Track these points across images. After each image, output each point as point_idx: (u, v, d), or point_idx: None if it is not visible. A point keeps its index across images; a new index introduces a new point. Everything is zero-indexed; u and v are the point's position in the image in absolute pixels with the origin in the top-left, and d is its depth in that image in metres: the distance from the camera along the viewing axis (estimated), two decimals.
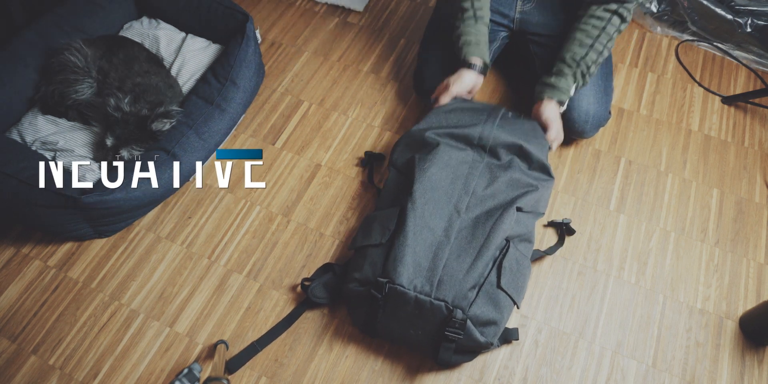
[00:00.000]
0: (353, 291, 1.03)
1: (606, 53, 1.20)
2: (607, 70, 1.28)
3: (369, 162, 1.33)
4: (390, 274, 0.98)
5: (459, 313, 0.94)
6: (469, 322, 0.95)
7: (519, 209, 1.07)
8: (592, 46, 1.18)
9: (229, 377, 1.06)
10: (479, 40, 1.23)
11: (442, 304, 0.95)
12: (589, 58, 1.18)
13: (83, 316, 1.13)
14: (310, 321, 1.13)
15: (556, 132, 1.22)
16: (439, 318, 0.96)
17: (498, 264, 1.01)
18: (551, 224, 1.24)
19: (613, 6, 1.16)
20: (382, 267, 1.00)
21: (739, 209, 1.29)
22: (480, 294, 0.98)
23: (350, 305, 1.08)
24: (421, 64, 1.36)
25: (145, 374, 1.07)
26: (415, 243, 1.00)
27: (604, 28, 1.17)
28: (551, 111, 1.21)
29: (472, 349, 1.01)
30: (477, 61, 1.22)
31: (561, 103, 1.22)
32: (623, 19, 1.17)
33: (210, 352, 1.10)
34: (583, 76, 1.20)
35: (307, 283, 1.12)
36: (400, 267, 0.98)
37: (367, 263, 1.03)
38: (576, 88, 1.22)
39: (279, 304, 1.15)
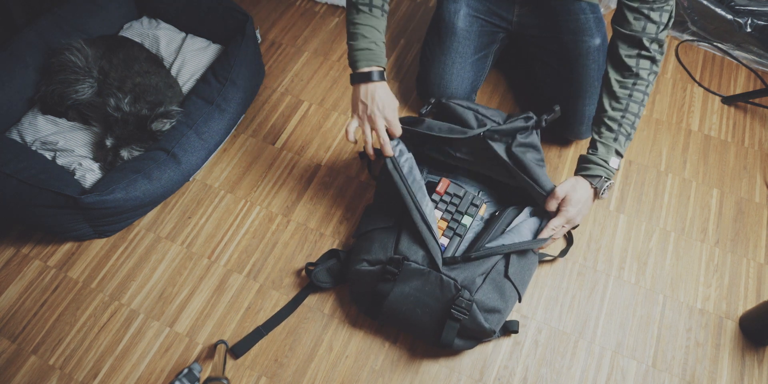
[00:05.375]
0: (361, 271, 1.04)
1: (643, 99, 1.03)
2: (604, 71, 1.28)
3: (367, 155, 1.33)
4: (404, 252, 1.01)
5: (466, 293, 0.97)
6: (474, 306, 0.97)
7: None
8: (630, 97, 1.01)
9: (229, 378, 1.06)
10: (374, 38, 1.02)
11: (452, 282, 0.97)
12: (630, 111, 1.01)
13: (83, 316, 1.13)
14: (310, 321, 1.13)
15: (563, 218, 1.01)
16: (447, 296, 0.98)
17: (506, 254, 1.03)
18: None
19: (636, 51, 1.01)
20: (393, 247, 1.03)
21: (739, 209, 1.29)
22: (487, 281, 1.00)
23: (355, 287, 1.09)
24: (423, 66, 1.36)
25: (145, 374, 1.07)
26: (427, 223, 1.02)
27: (637, 75, 1.01)
28: (574, 188, 1.00)
29: (474, 336, 1.02)
30: (373, 69, 1.01)
31: (594, 179, 1.00)
32: (653, 61, 1.01)
33: (210, 352, 1.10)
34: (624, 135, 1.01)
35: (311, 268, 1.13)
36: (414, 246, 1.01)
37: (376, 245, 1.05)
38: (620, 154, 1.02)
39: (279, 304, 1.15)
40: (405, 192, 1.01)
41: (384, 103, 1.01)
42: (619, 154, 1.02)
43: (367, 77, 1.01)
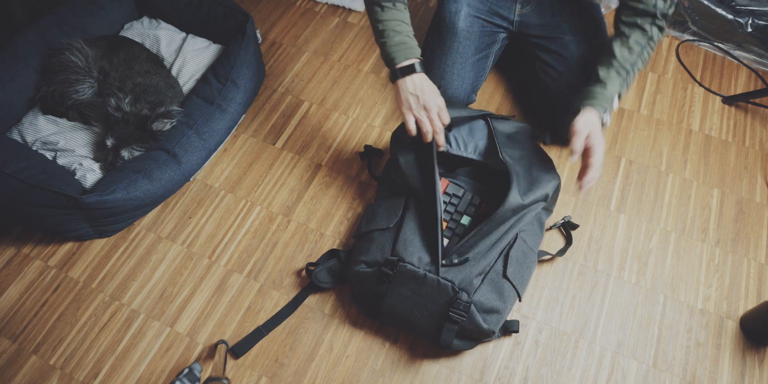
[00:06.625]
0: (360, 272, 1.05)
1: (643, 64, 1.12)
2: None
3: (368, 155, 1.34)
4: (400, 253, 1.01)
5: (464, 296, 0.97)
6: (473, 307, 0.97)
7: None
8: (640, 54, 1.09)
9: (230, 378, 1.06)
10: (405, 31, 1.04)
11: (449, 284, 0.97)
12: (637, 66, 1.10)
13: (84, 316, 1.13)
14: (311, 321, 1.13)
15: (597, 152, 1.02)
16: (444, 298, 0.98)
17: (505, 254, 1.03)
18: (552, 227, 1.24)
19: (650, 19, 1.09)
20: (391, 249, 1.03)
21: (739, 209, 1.28)
22: (485, 281, 1.00)
23: (355, 287, 1.09)
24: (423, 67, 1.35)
25: (146, 374, 1.07)
26: (424, 227, 1.03)
27: (650, 38, 1.09)
28: (589, 120, 1.04)
29: (473, 336, 1.02)
30: (413, 61, 1.03)
31: (601, 109, 1.07)
32: (661, 30, 1.10)
33: (210, 352, 1.10)
34: (628, 84, 1.10)
35: (311, 268, 1.13)
36: (411, 247, 1.01)
37: (374, 246, 1.05)
38: (619, 97, 1.11)
39: (279, 304, 1.15)
40: (434, 186, 1.02)
41: (434, 91, 1.03)
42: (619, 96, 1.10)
43: (410, 70, 1.02)
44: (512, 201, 1.01)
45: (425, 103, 1.01)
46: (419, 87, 1.01)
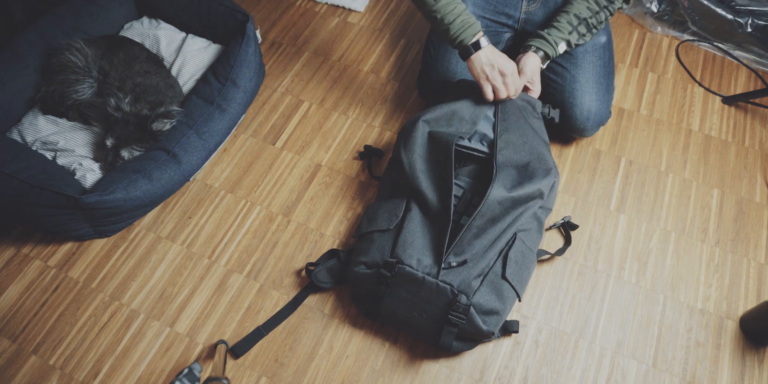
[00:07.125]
0: (359, 274, 1.04)
1: (596, 31, 1.23)
2: (609, 68, 1.28)
3: (367, 155, 1.34)
4: (399, 255, 1.01)
5: (463, 298, 0.96)
6: (472, 309, 0.97)
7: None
8: (597, 13, 1.19)
9: (230, 378, 1.06)
10: (462, 11, 1.12)
11: (448, 287, 0.97)
12: (591, 22, 1.19)
13: (83, 316, 1.13)
14: (311, 321, 1.13)
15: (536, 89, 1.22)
16: (443, 301, 0.98)
17: (504, 255, 1.03)
18: (552, 227, 1.24)
19: None
20: (390, 250, 1.03)
21: (739, 209, 1.28)
22: (484, 283, 1.00)
23: (355, 288, 1.09)
24: (426, 64, 1.35)
25: (146, 374, 1.07)
26: (425, 229, 1.03)
27: (606, 7, 1.20)
28: (535, 64, 1.19)
29: (473, 338, 1.02)
30: (479, 37, 1.11)
31: (545, 58, 1.21)
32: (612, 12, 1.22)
33: (210, 352, 1.10)
34: (580, 36, 1.20)
35: (311, 268, 1.13)
36: (411, 249, 1.01)
37: (374, 247, 1.05)
38: (566, 47, 1.21)
39: (279, 304, 1.15)
40: (449, 190, 1.03)
41: (505, 58, 1.11)
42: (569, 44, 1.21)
43: (479, 45, 1.09)
44: (496, 193, 1.00)
45: (500, 69, 1.09)
46: (491, 57, 1.09)
